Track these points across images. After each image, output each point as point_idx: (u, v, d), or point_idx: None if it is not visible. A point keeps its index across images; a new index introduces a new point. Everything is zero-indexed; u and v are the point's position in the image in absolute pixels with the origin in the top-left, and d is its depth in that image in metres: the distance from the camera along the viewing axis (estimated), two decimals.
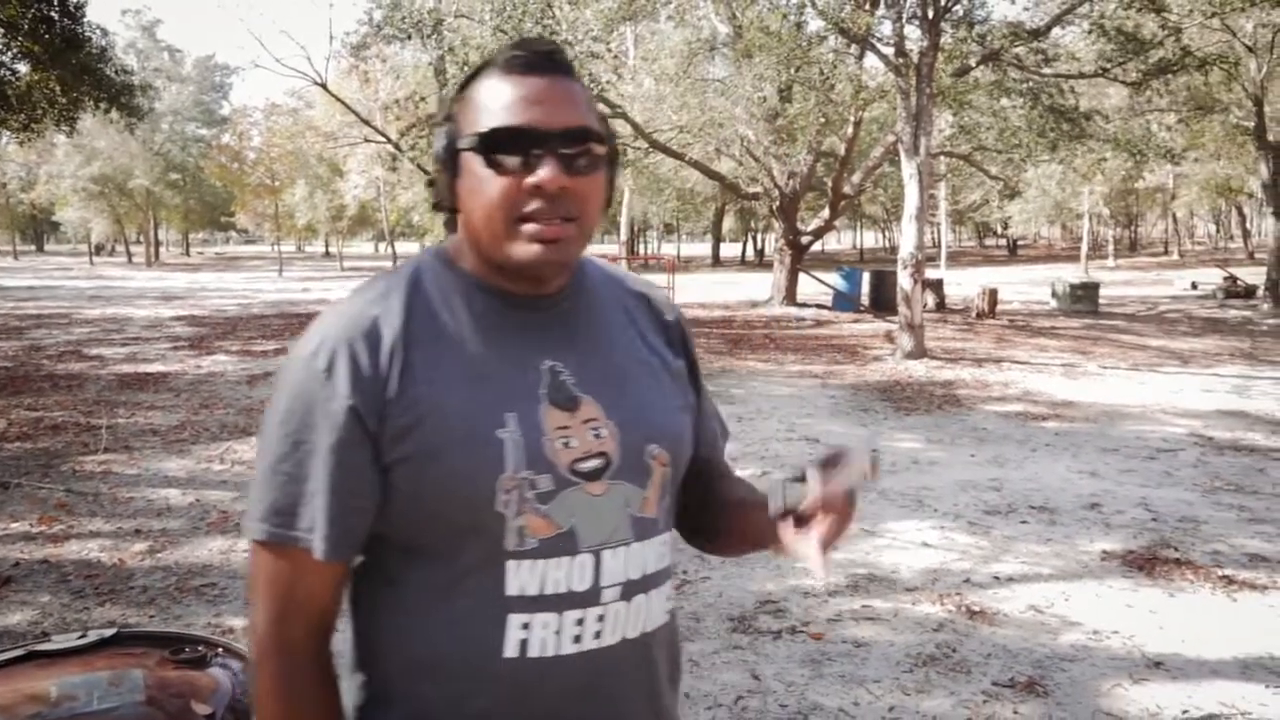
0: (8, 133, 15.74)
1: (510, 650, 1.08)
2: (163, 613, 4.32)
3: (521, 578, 1.07)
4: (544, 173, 1.04)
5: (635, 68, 19.04)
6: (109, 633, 1.99)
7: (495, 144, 1.06)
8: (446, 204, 1.14)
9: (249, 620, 1.12)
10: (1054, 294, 21.65)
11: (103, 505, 5.99)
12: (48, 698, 1.71)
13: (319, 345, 1.07)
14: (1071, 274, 27.99)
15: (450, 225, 1.18)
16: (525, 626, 1.08)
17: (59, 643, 1.94)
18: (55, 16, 12.82)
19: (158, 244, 59.68)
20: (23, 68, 14.40)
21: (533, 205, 1.06)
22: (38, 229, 76.01)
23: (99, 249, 65.77)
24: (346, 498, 1.06)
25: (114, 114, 15.52)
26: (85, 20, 13.25)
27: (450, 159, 1.11)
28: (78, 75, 13.89)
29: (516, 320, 1.14)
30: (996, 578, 4.81)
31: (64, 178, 48.71)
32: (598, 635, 1.11)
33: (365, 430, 1.05)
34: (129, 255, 59.17)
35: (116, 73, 15.23)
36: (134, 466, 6.94)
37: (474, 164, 1.08)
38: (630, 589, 1.13)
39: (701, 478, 1.34)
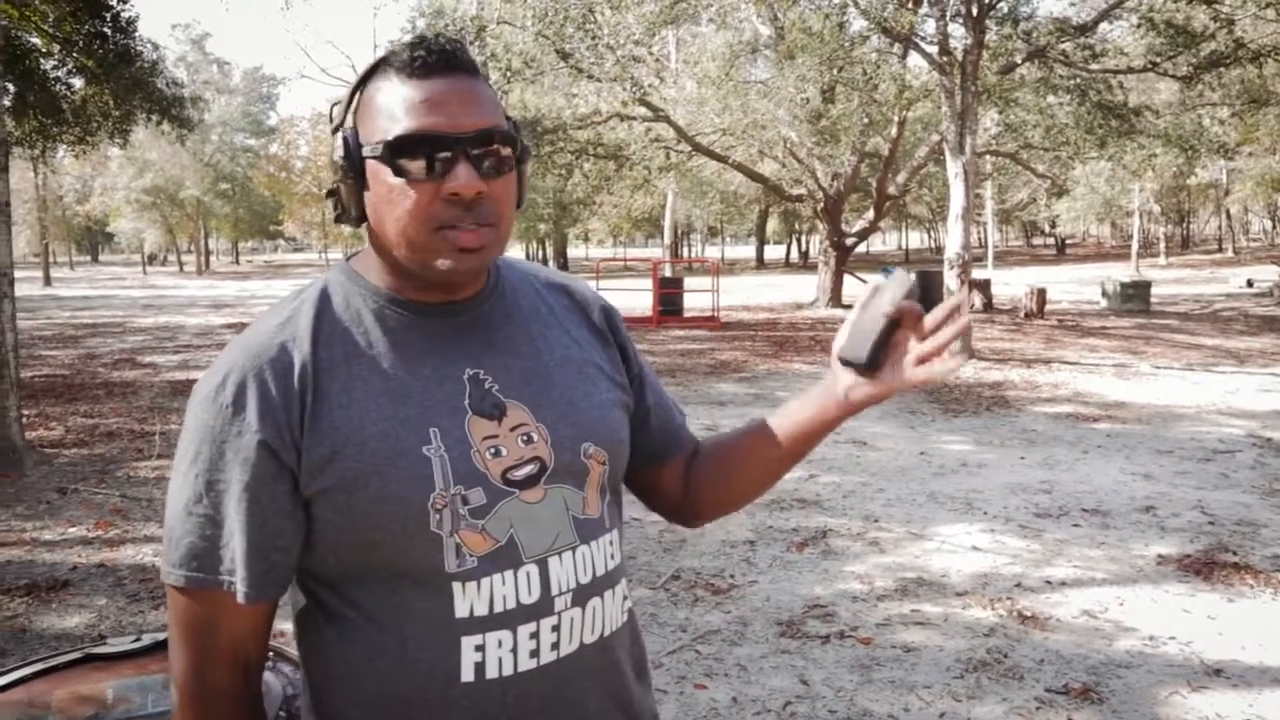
0: (63, 146, 16.08)
1: (467, 674, 1.04)
2: None
3: (469, 598, 1.03)
4: (460, 179, 1.00)
5: (677, 71, 19.03)
6: (162, 636, 2.02)
7: (403, 151, 1.01)
8: (352, 216, 1.08)
9: (170, 667, 1.08)
10: (1104, 293, 21.29)
11: (156, 511, 6.09)
12: (104, 700, 1.74)
13: (224, 378, 1.02)
14: (1122, 272, 27.52)
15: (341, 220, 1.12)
16: (479, 648, 1.04)
17: (114, 646, 1.97)
18: (108, 32, 13.08)
19: (208, 253, 60.72)
20: (77, 82, 14.73)
21: (450, 213, 1.01)
22: (93, 240, 77.67)
23: (151, 258, 67.08)
24: (267, 536, 1.02)
25: (165, 126, 15.81)
26: (137, 35, 13.50)
27: (354, 168, 1.05)
28: (130, 89, 14.18)
29: (432, 330, 1.10)
30: (1048, 582, 4.73)
31: (117, 189, 49.81)
32: (554, 646, 1.07)
33: (281, 464, 1.01)
34: (180, 264, 60.31)
35: (167, 86, 15.51)
36: None
37: (382, 173, 1.02)
38: (582, 594, 1.09)
39: (682, 461, 1.32)
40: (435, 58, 1.02)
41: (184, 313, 23.67)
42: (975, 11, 12.70)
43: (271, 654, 1.98)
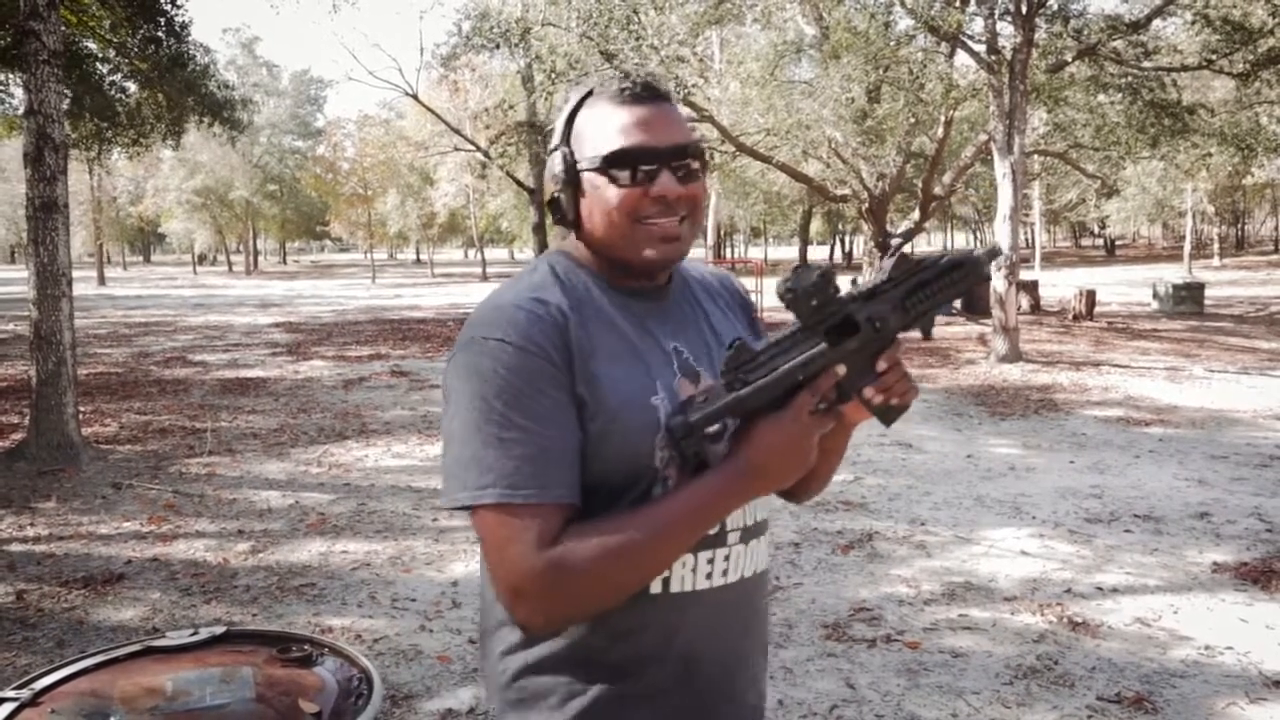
0: (118, 148, 16.41)
1: (655, 587, 1.24)
2: (265, 611, 4.44)
3: None
4: (664, 184, 1.24)
5: (721, 71, 18.97)
6: (219, 631, 2.05)
7: (618, 162, 1.24)
8: (569, 219, 1.30)
9: (505, 586, 1.16)
10: (1155, 295, 20.92)
11: (208, 506, 6.19)
12: (164, 692, 1.77)
13: (511, 325, 1.18)
14: (1174, 274, 27.03)
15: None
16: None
17: (173, 639, 2.01)
18: (162, 36, 13.33)
19: (256, 253, 61.59)
20: (132, 86, 15.03)
21: (654, 209, 1.24)
22: (145, 240, 79.05)
23: (201, 259, 68.19)
24: (576, 444, 1.19)
25: (217, 128, 16.09)
26: (190, 39, 13.75)
27: (572, 179, 1.27)
28: (183, 92, 14.44)
29: (640, 310, 1.31)
30: (1100, 588, 4.66)
31: (169, 190, 50.68)
32: (725, 573, 1.29)
33: (575, 393, 1.19)
34: (229, 264, 61.23)
35: (219, 88, 15.78)
36: (236, 469, 7.17)
37: (598, 181, 1.25)
38: (747, 534, 1.32)
39: None
40: (640, 88, 1.27)
41: (233, 312, 24.03)
42: (1024, 9, 12.53)
43: (325, 649, 2.00)
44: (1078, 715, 3.40)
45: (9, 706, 1.70)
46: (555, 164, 1.30)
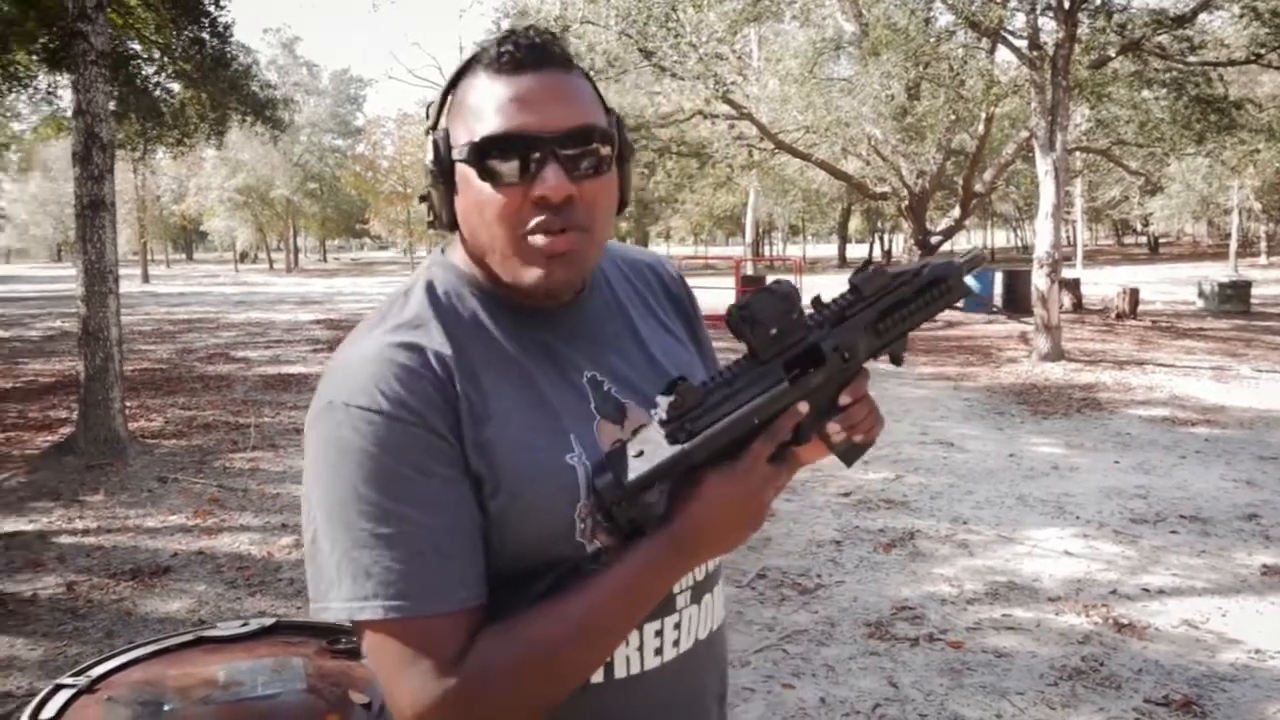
0: (162, 148, 16.65)
1: (596, 676, 1.01)
2: (308, 604, 4.47)
3: None
4: (547, 182, 0.94)
5: (760, 69, 18.92)
6: (269, 622, 2.08)
7: (489, 153, 0.95)
8: (444, 221, 1.03)
9: (409, 716, 0.92)
10: (1201, 294, 20.59)
11: (252, 500, 6.27)
12: (217, 681, 1.80)
13: (377, 386, 0.93)
14: (1220, 272, 26.58)
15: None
16: None
17: (224, 630, 2.03)
18: (206, 37, 13.51)
19: (296, 251, 62.29)
20: (176, 86, 15.24)
21: (538, 218, 0.96)
22: (187, 238, 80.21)
23: (243, 256, 69.06)
24: (476, 528, 0.95)
25: (259, 127, 16.28)
26: (233, 40, 13.92)
27: (444, 172, 1.00)
28: (226, 91, 14.63)
29: (544, 335, 1.04)
30: (1146, 590, 4.59)
31: (211, 189, 51.41)
32: (676, 643, 1.06)
33: (467, 466, 0.95)
34: (270, 262, 61.97)
35: (260, 88, 15.96)
36: (279, 464, 7.25)
37: (470, 177, 0.97)
38: (699, 590, 1.09)
39: None
40: (524, 52, 0.96)
41: (274, 309, 24.31)
42: (1067, 4, 12.37)
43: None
44: (1125, 718, 3.36)
45: (67, 693, 1.73)
46: (427, 151, 1.01)
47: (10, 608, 4.46)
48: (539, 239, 0.96)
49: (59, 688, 1.75)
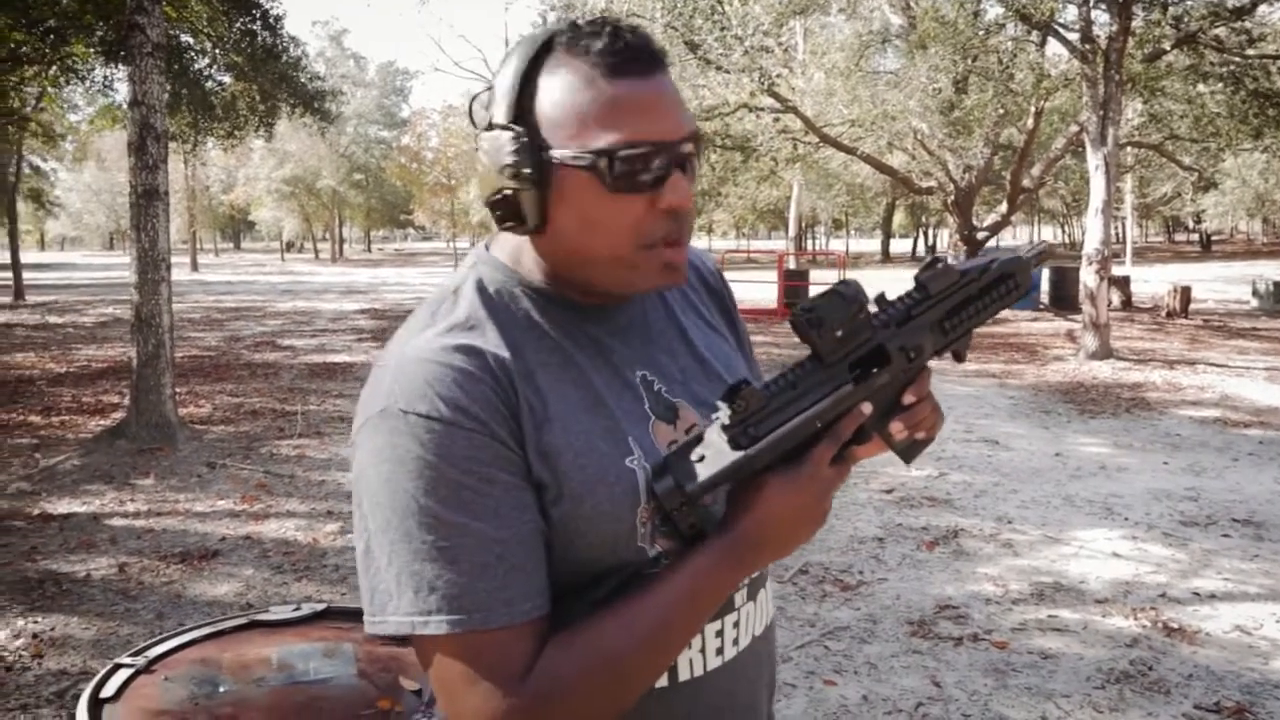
0: (213, 139, 16.90)
1: (661, 680, 0.99)
2: (353, 590, 4.54)
3: None
4: (680, 192, 0.92)
5: (805, 62, 18.80)
6: (320, 607, 2.11)
7: (623, 161, 0.90)
8: (534, 224, 0.94)
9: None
10: (1255, 292, 20.16)
11: (298, 487, 6.35)
12: (270, 663, 1.83)
13: (436, 391, 0.89)
14: (1274, 271, 26.01)
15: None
16: None
17: (277, 614, 2.07)
18: (257, 29, 13.70)
19: (342, 241, 63.01)
20: (227, 78, 15.46)
21: (664, 228, 0.93)
22: (235, 228, 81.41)
23: (289, 246, 69.96)
24: (539, 538, 0.92)
25: (308, 119, 16.46)
26: (283, 32, 14.09)
27: (538, 173, 0.91)
28: (276, 84, 14.82)
29: (597, 332, 1.01)
30: (1196, 594, 4.52)
31: (259, 180, 52.17)
32: (735, 641, 1.05)
33: (529, 472, 0.92)
34: (316, 252, 62.73)
35: (309, 80, 16.15)
36: (325, 451, 7.34)
37: (583, 182, 0.91)
38: (754, 586, 1.08)
39: None
40: (636, 52, 0.92)
41: (319, 298, 24.59)
42: None
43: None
44: None
45: (126, 672, 1.77)
46: (503, 147, 0.92)
47: (65, 587, 4.56)
48: (665, 251, 0.94)
49: (118, 667, 1.79)
